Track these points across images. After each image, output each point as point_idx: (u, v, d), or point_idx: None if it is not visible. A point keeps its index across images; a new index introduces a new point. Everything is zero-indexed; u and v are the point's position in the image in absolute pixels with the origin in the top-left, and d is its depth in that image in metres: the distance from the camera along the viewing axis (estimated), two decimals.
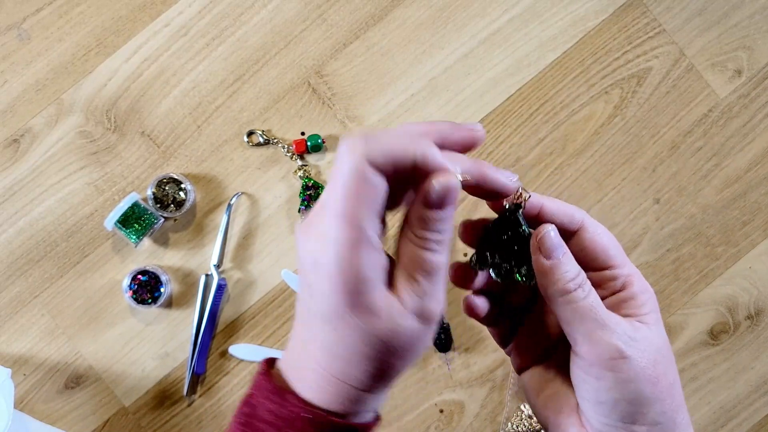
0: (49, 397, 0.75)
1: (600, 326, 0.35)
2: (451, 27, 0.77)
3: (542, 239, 0.36)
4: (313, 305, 0.34)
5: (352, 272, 0.32)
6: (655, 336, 0.37)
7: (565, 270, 0.36)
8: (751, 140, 0.77)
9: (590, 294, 0.36)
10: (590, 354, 0.36)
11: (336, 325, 0.33)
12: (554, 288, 0.36)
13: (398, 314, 0.33)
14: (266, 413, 0.35)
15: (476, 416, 0.76)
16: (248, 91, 0.76)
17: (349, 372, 0.34)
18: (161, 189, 0.75)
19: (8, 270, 0.75)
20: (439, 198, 0.33)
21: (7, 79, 0.76)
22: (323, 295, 0.32)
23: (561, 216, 0.38)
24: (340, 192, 0.32)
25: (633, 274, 0.38)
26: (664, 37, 0.77)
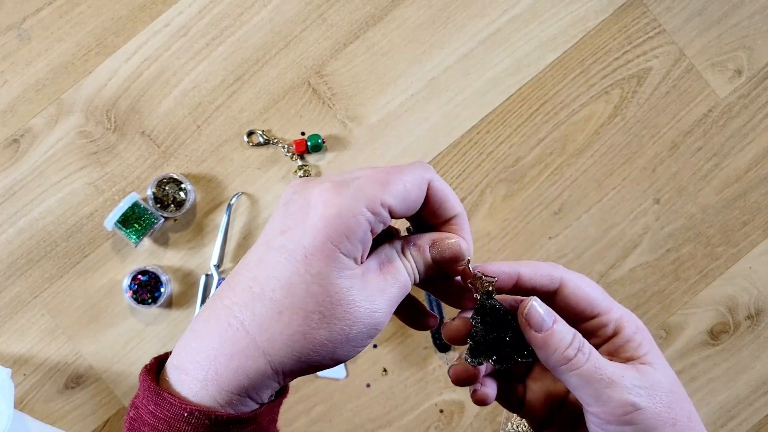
0: (49, 397, 0.75)
1: (607, 385, 0.35)
2: (451, 27, 0.77)
3: (528, 315, 0.36)
4: (288, 242, 0.33)
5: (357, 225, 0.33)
6: (662, 377, 0.36)
7: (560, 338, 0.36)
8: (751, 140, 0.77)
9: (591, 355, 0.36)
10: (604, 414, 0.35)
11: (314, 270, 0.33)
12: (554, 358, 0.36)
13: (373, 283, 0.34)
14: (148, 416, 0.34)
15: (476, 416, 0.76)
16: (248, 91, 0.76)
17: (277, 339, 0.33)
18: (161, 189, 0.75)
19: (8, 270, 0.75)
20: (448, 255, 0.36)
21: (7, 79, 0.76)
22: (312, 229, 0.33)
23: (539, 279, 0.38)
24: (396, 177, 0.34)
25: (622, 315, 0.38)
26: (664, 37, 0.77)
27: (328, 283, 0.33)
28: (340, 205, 0.33)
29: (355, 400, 0.76)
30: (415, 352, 0.76)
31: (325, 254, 0.33)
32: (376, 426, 0.76)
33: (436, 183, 0.36)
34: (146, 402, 0.34)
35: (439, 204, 0.37)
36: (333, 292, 0.33)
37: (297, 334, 0.33)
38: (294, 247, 0.33)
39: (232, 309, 0.34)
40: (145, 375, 0.35)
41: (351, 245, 0.33)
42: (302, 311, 0.33)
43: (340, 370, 0.76)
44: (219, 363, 0.33)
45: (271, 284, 0.33)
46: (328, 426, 0.76)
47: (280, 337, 0.33)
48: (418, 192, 0.35)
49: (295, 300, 0.33)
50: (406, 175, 0.35)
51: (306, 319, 0.33)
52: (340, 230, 0.33)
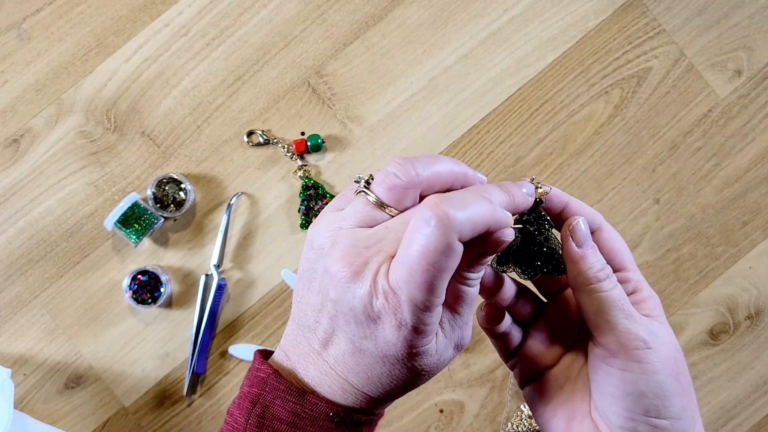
0: (49, 397, 0.75)
1: (626, 316, 0.36)
2: (451, 27, 0.77)
3: (574, 228, 0.38)
4: (374, 347, 0.34)
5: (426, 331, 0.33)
6: (671, 336, 0.38)
7: (595, 260, 0.37)
8: (751, 140, 0.77)
9: (617, 286, 0.37)
10: (615, 344, 0.36)
11: (387, 362, 0.34)
12: (585, 276, 0.37)
13: (442, 347, 0.35)
14: (284, 413, 0.35)
15: (476, 416, 0.76)
16: (248, 91, 0.76)
17: (370, 387, 0.35)
18: (161, 189, 0.75)
19: (8, 270, 0.75)
20: (496, 250, 0.34)
21: (7, 79, 0.76)
22: (387, 332, 0.33)
23: (582, 215, 0.39)
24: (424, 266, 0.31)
25: (641, 280, 0.39)
26: (664, 37, 0.77)
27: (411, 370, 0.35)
28: (410, 326, 0.33)
29: None
30: None
31: (403, 359, 0.34)
32: None
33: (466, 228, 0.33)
34: (283, 402, 0.36)
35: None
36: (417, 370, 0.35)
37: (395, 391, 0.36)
38: (377, 353, 0.34)
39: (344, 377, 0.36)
40: (272, 373, 0.36)
41: (428, 337, 0.34)
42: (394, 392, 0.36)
43: None
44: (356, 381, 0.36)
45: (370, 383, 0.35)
46: None
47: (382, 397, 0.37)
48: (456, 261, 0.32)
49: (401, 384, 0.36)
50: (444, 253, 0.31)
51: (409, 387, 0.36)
52: (415, 339, 0.33)
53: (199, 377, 0.76)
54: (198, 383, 0.76)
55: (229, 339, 0.76)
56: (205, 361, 0.76)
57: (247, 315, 0.76)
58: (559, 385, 0.40)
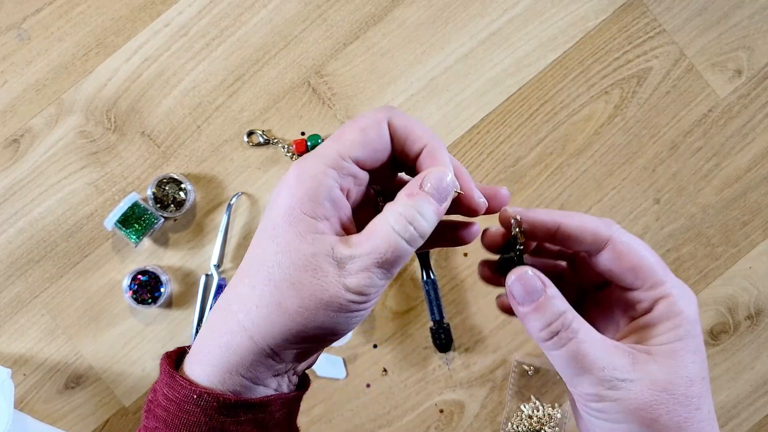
0: (49, 397, 0.75)
1: (580, 371, 0.34)
2: (451, 27, 0.77)
3: (512, 287, 0.35)
4: (265, 220, 0.34)
5: (316, 184, 0.33)
6: (661, 372, 0.34)
7: (536, 322, 0.34)
8: (751, 140, 0.77)
9: (570, 342, 0.34)
10: (574, 394, 0.35)
11: (280, 239, 0.32)
12: (533, 334, 0.35)
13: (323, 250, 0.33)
14: (162, 398, 0.35)
15: (476, 416, 0.76)
16: (248, 91, 0.76)
17: (254, 312, 0.33)
18: (161, 189, 0.75)
19: (8, 270, 0.75)
20: (440, 185, 0.33)
21: (7, 79, 0.76)
22: (279, 202, 0.33)
23: (581, 235, 0.36)
24: (351, 127, 0.34)
25: (668, 295, 0.35)
26: (664, 37, 0.77)
27: (292, 249, 0.32)
28: (299, 172, 0.33)
29: (355, 401, 0.76)
30: (415, 352, 0.76)
31: (289, 221, 0.32)
32: (376, 426, 0.76)
33: (396, 120, 0.35)
34: (162, 385, 0.35)
35: (404, 139, 0.35)
36: (296, 258, 0.32)
37: (271, 305, 0.32)
38: (266, 222, 0.33)
39: (226, 292, 0.35)
40: (164, 359, 0.36)
41: (317, 205, 0.33)
42: (272, 281, 0.32)
43: (340, 370, 0.76)
44: (211, 344, 0.34)
45: (249, 261, 0.34)
46: (328, 426, 0.76)
47: (256, 310, 0.33)
48: (376, 133, 0.34)
49: (265, 272, 0.33)
50: (360, 121, 0.34)
51: (276, 289, 0.32)
52: (301, 193, 0.33)
53: None
54: None
55: None
56: None
57: None
58: None
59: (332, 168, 0.33)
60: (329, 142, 0.34)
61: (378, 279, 0.33)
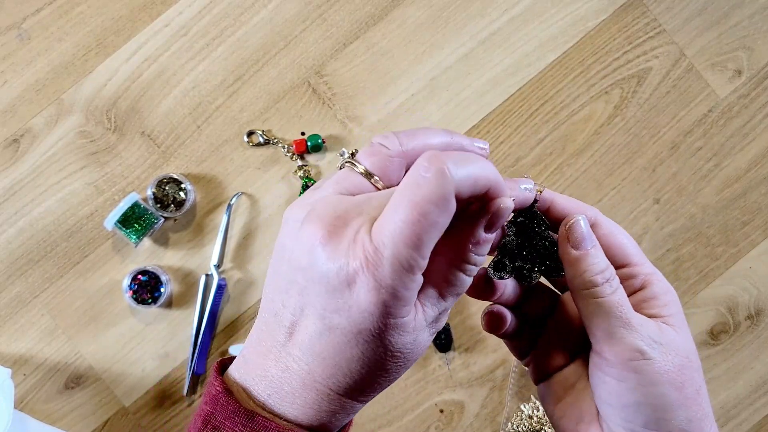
0: (49, 397, 0.75)
1: (623, 324, 0.34)
2: (451, 27, 0.77)
3: (572, 228, 0.35)
4: (343, 321, 0.30)
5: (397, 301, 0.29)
6: (681, 340, 0.35)
7: (593, 262, 0.35)
8: (751, 140, 0.77)
9: (618, 291, 0.35)
10: (611, 353, 0.34)
11: (360, 339, 0.30)
12: (580, 279, 0.35)
13: (420, 326, 0.31)
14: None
15: (476, 416, 0.76)
16: (248, 91, 0.76)
17: (337, 377, 0.31)
18: (161, 189, 0.75)
19: (8, 270, 0.75)
20: (499, 221, 0.32)
21: (7, 79, 0.76)
22: (363, 297, 0.29)
23: (573, 212, 0.37)
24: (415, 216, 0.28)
25: (653, 273, 0.37)
26: (664, 37, 0.77)
27: (394, 347, 0.31)
28: (390, 288, 0.29)
29: None
30: None
31: (378, 334, 0.30)
32: (376, 426, 0.76)
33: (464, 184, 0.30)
34: (232, 424, 0.32)
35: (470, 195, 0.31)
36: (403, 349, 0.31)
37: (374, 382, 0.32)
38: (350, 329, 0.30)
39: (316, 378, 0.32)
40: (224, 391, 0.33)
41: (406, 307, 0.30)
42: (382, 371, 0.31)
43: None
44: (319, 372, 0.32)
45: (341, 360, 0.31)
46: None
47: (360, 395, 0.32)
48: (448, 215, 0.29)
49: (373, 368, 0.31)
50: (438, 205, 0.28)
51: (387, 376, 0.32)
52: (393, 306, 0.29)
53: (199, 377, 0.76)
54: (198, 383, 0.76)
55: (229, 339, 0.76)
56: (205, 362, 0.76)
57: (247, 315, 0.76)
58: (570, 384, 0.39)
59: (419, 270, 0.31)
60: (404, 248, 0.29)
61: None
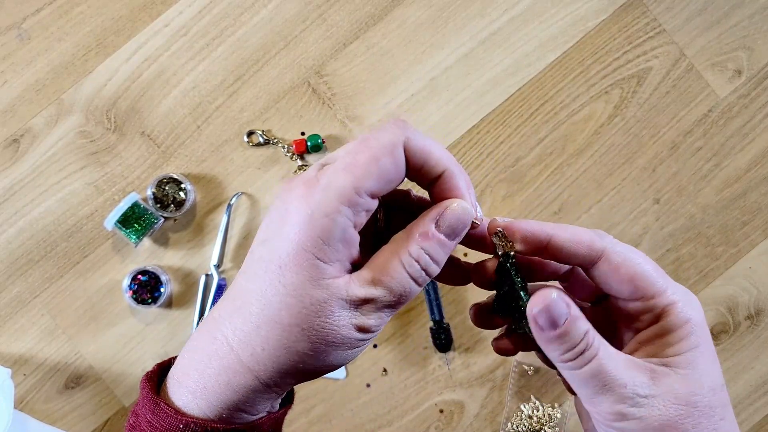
0: (49, 397, 0.75)
1: (602, 389, 0.32)
2: (451, 27, 0.77)
3: (537, 317, 0.32)
4: (266, 253, 0.32)
5: (331, 225, 0.31)
6: (684, 385, 0.32)
7: (564, 341, 0.32)
8: (751, 140, 0.77)
9: (595, 359, 0.32)
10: (594, 412, 0.33)
11: (288, 281, 0.31)
12: (552, 358, 0.33)
13: (340, 294, 0.32)
14: (146, 425, 0.33)
15: (476, 416, 0.76)
16: (248, 91, 0.76)
17: (259, 354, 0.32)
18: (161, 189, 0.75)
19: (8, 270, 0.75)
20: (458, 225, 0.33)
21: (7, 79, 0.76)
22: (286, 239, 0.31)
23: (575, 247, 0.34)
24: (365, 155, 0.31)
25: (675, 301, 0.33)
26: (664, 37, 0.77)
27: (302, 294, 0.31)
28: (312, 208, 0.31)
29: (355, 401, 0.76)
30: (415, 352, 0.76)
31: (299, 263, 0.31)
32: (376, 426, 0.76)
33: (412, 142, 0.32)
34: (145, 411, 0.34)
35: (421, 164, 0.33)
36: (308, 303, 0.31)
37: (278, 348, 0.32)
38: (270, 257, 0.32)
39: (218, 322, 0.33)
40: (145, 383, 0.34)
41: (330, 248, 0.31)
42: (279, 325, 0.31)
43: (340, 370, 0.76)
44: (208, 377, 0.33)
45: (249, 297, 0.32)
46: (328, 426, 0.76)
47: (262, 352, 0.32)
48: (392, 161, 0.32)
49: (271, 313, 0.31)
50: (375, 147, 0.32)
51: (284, 332, 0.31)
52: (314, 235, 0.31)
53: None
54: None
55: None
56: None
57: None
58: None
59: (347, 206, 0.31)
60: (342, 174, 0.31)
61: (387, 316, 0.33)
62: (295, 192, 0.32)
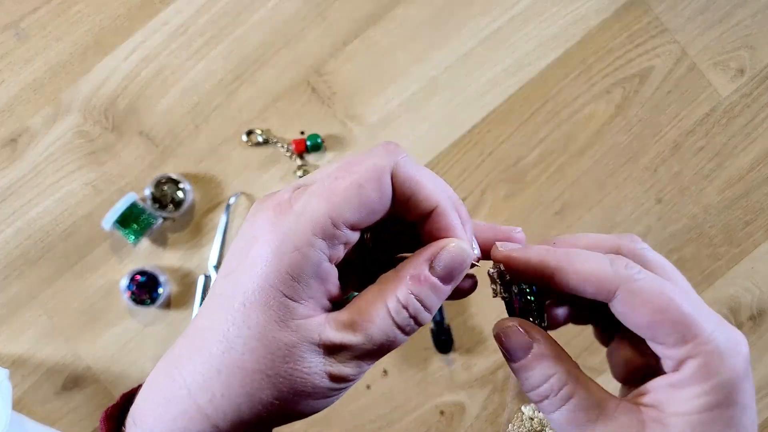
0: (47, 398, 0.75)
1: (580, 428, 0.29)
2: (452, 26, 0.76)
3: (496, 340, 0.30)
4: (229, 288, 0.28)
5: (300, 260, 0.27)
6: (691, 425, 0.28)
7: (527, 378, 0.30)
8: (753, 140, 0.76)
9: (567, 403, 0.29)
10: None
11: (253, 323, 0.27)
12: (527, 390, 0.31)
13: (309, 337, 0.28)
14: None
15: (477, 418, 0.76)
16: (247, 91, 0.76)
17: (219, 400, 0.28)
18: (159, 189, 0.74)
19: (6, 270, 0.75)
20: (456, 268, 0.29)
21: (5, 79, 0.75)
22: (250, 273, 0.28)
23: (581, 285, 0.30)
24: (345, 181, 0.28)
25: (698, 354, 0.29)
26: (666, 36, 0.76)
27: (268, 336, 0.27)
28: (281, 238, 0.27)
29: (355, 402, 0.76)
30: (416, 353, 0.76)
31: (265, 301, 0.27)
32: (376, 427, 0.76)
33: (401, 169, 0.29)
34: None
35: (409, 196, 0.29)
36: (274, 347, 0.27)
37: (240, 395, 0.28)
38: (233, 293, 0.28)
39: (178, 360, 0.30)
40: (104, 422, 0.31)
41: (300, 285, 0.27)
42: (242, 370, 0.28)
43: None
44: (164, 423, 0.29)
45: (210, 337, 0.28)
46: (328, 428, 0.76)
47: (221, 399, 0.28)
48: (376, 190, 0.28)
49: (233, 357, 0.28)
50: (357, 172, 0.28)
51: (247, 378, 0.28)
52: (282, 270, 0.27)
53: None
54: None
55: None
56: None
57: None
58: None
59: (320, 238, 0.27)
60: (317, 201, 0.27)
61: (366, 366, 0.29)
62: (263, 216, 0.28)
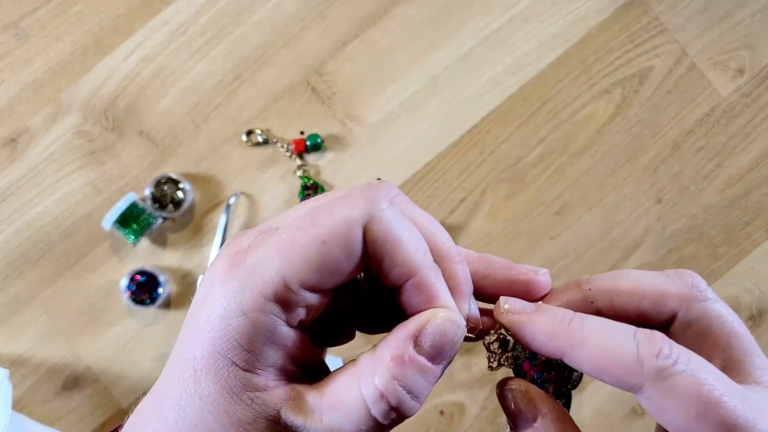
0: (46, 398, 0.75)
1: None
2: (452, 26, 0.76)
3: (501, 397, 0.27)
4: (181, 350, 0.25)
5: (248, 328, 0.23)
6: None
7: None
8: (753, 140, 0.76)
9: None
10: None
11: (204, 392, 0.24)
12: None
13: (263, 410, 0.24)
14: None
15: (476, 418, 0.76)
16: (247, 90, 0.76)
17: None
18: (159, 189, 0.74)
19: (6, 270, 0.75)
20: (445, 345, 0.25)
21: (5, 79, 0.75)
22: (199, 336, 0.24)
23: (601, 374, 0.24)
24: (306, 236, 0.23)
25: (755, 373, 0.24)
26: (665, 36, 0.76)
27: (221, 410, 0.24)
28: (229, 299, 0.24)
29: None
30: None
31: (215, 370, 0.24)
32: None
33: (376, 225, 0.24)
34: None
35: (381, 258, 0.24)
36: (227, 422, 0.24)
37: None
38: (185, 356, 0.25)
39: (141, 420, 0.28)
40: None
41: (252, 354, 0.24)
42: None
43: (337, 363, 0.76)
44: None
45: (167, 402, 0.25)
46: None
47: None
48: (342, 249, 0.23)
49: (185, 428, 0.25)
50: (322, 225, 0.23)
51: None
52: (229, 336, 0.23)
53: None
54: None
55: None
56: None
57: None
58: None
59: (273, 302, 0.23)
60: (273, 256, 0.23)
61: None
62: (219, 266, 0.25)
